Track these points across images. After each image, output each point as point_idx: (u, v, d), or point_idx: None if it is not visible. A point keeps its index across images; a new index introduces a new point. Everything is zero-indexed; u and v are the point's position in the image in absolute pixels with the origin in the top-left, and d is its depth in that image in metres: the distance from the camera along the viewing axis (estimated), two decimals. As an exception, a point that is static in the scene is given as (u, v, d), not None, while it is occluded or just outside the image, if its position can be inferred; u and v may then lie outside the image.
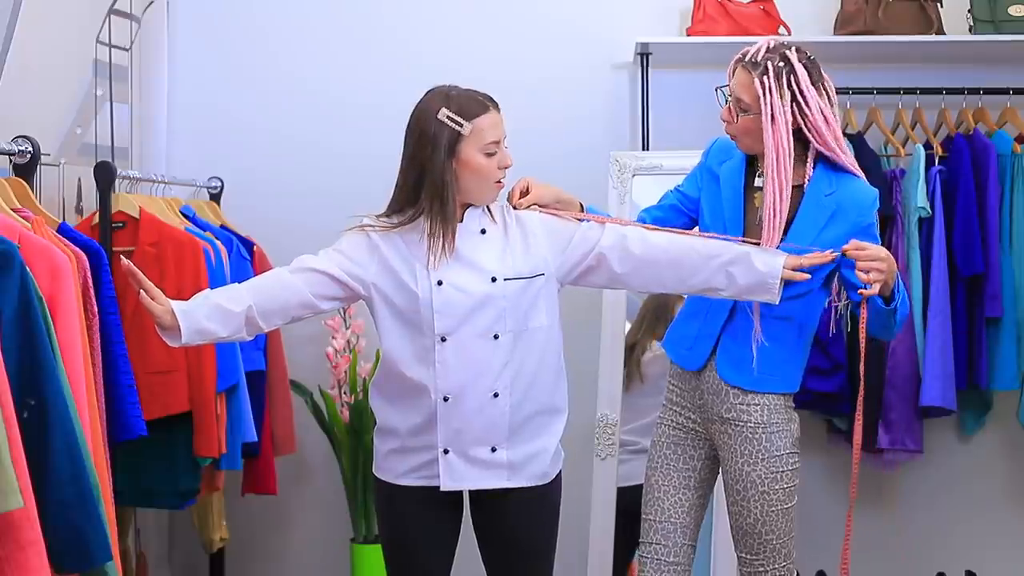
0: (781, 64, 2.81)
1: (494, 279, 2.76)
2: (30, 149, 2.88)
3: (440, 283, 2.75)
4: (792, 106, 2.81)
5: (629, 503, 3.79)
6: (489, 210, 2.83)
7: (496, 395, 2.77)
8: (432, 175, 2.73)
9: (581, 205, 2.95)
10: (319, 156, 4.47)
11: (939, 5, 4.15)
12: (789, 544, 2.96)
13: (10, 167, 2.89)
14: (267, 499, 4.19)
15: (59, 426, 2.36)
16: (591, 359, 3.89)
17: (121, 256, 2.57)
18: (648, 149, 4.21)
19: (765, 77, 2.81)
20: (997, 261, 4.02)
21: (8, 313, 2.33)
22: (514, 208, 2.87)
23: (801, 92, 2.81)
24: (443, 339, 2.75)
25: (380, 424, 2.89)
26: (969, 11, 4.14)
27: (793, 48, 2.86)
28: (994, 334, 4.05)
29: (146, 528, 4.13)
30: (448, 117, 2.74)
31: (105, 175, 3.35)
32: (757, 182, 2.96)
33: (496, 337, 2.76)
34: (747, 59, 2.86)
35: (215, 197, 4.30)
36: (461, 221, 2.79)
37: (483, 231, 2.80)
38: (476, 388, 2.76)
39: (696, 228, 3.06)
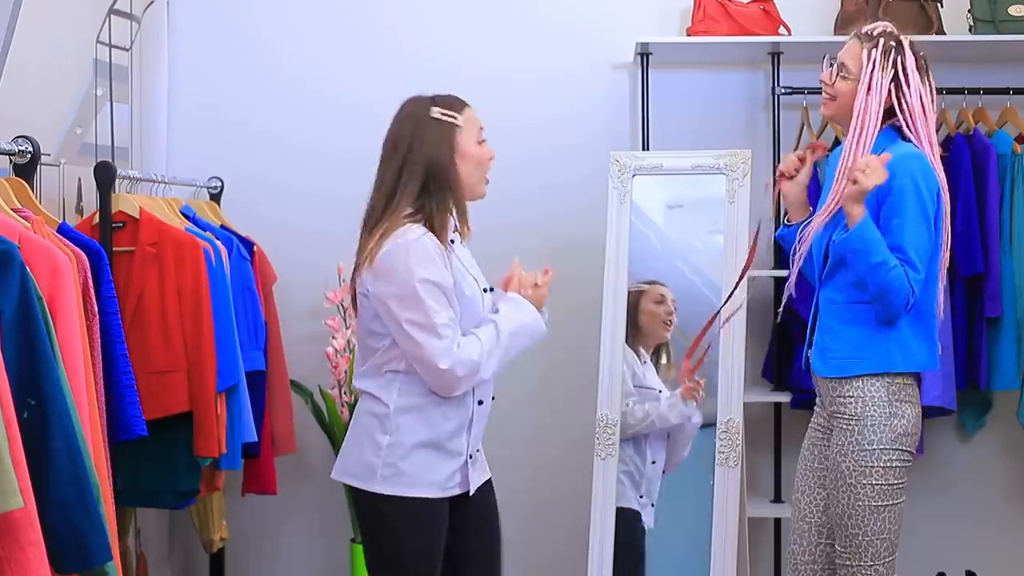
0: (892, 44, 2.97)
1: (485, 289, 2.89)
2: (30, 149, 2.87)
3: (485, 290, 2.87)
4: (891, 84, 2.95)
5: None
6: None
7: (493, 398, 2.92)
8: (438, 173, 2.78)
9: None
10: (319, 156, 4.47)
11: (939, 5, 4.16)
12: (879, 544, 2.97)
13: (10, 167, 2.89)
14: (267, 499, 4.19)
15: (59, 426, 2.36)
16: (591, 359, 3.89)
17: None
18: (648, 149, 4.21)
19: (874, 50, 2.96)
20: (997, 261, 4.02)
21: (8, 313, 2.33)
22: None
23: (905, 72, 2.96)
24: None
25: (415, 441, 2.79)
26: (969, 11, 4.14)
27: (907, 39, 3.02)
28: (994, 334, 4.05)
29: (146, 528, 4.13)
30: (442, 113, 2.80)
31: (105, 175, 3.35)
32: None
33: None
34: (863, 32, 3.02)
35: (215, 197, 4.29)
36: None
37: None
38: (489, 391, 2.89)
39: None
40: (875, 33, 3.00)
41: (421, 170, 2.77)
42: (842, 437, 2.98)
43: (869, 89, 2.95)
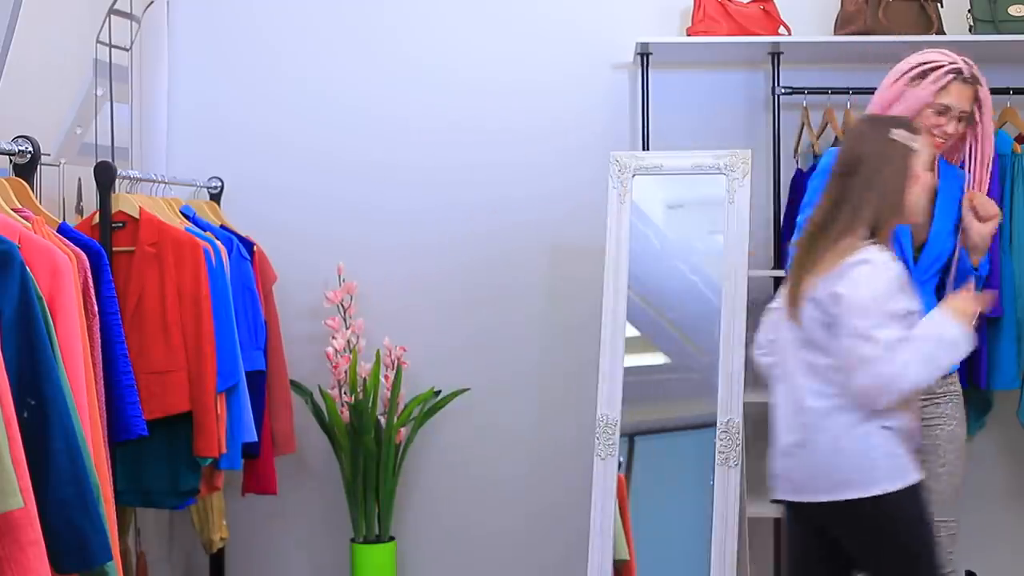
0: (980, 78, 3.26)
1: None
2: (30, 149, 2.87)
3: None
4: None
5: None
6: None
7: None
8: (892, 196, 2.82)
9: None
10: (319, 156, 4.47)
11: (939, 5, 4.16)
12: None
13: (10, 167, 2.89)
14: (267, 499, 4.19)
15: (59, 426, 2.36)
16: (591, 359, 3.89)
17: None
18: (648, 149, 4.21)
19: (980, 89, 3.26)
20: (997, 261, 4.01)
21: (8, 313, 2.33)
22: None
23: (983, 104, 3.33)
24: None
25: (891, 432, 2.78)
26: (969, 11, 4.14)
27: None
28: (994, 334, 4.05)
29: (146, 528, 4.12)
30: (903, 136, 2.84)
31: (105, 175, 3.35)
32: None
33: None
34: (966, 75, 3.23)
35: (215, 197, 4.30)
36: None
37: None
38: None
39: None
40: (972, 72, 3.22)
41: (878, 191, 2.80)
42: (958, 411, 3.28)
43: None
